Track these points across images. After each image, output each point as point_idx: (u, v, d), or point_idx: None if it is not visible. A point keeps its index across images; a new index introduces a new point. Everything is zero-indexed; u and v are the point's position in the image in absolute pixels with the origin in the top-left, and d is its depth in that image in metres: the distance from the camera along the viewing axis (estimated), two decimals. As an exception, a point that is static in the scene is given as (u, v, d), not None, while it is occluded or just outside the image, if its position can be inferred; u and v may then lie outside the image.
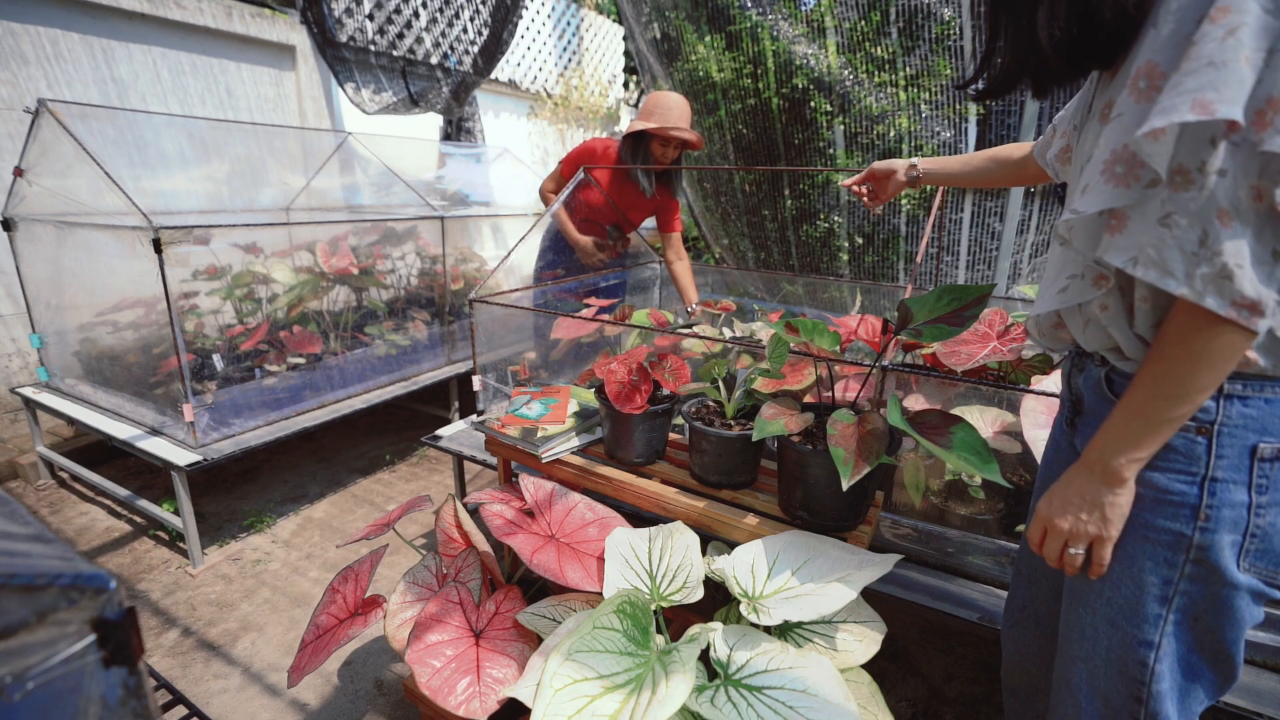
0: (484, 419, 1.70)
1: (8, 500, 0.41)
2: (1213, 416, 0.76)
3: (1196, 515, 0.77)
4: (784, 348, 1.28)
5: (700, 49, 3.50)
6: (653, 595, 1.17)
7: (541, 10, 6.25)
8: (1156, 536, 0.80)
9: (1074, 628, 0.91)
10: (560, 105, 6.50)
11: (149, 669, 0.66)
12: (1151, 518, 0.80)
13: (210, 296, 2.64)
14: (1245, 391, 0.75)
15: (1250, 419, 0.75)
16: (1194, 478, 0.77)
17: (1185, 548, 0.78)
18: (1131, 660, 0.84)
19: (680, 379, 1.50)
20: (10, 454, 2.86)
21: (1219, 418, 0.76)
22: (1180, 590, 0.80)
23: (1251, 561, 0.77)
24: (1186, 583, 0.80)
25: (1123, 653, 0.85)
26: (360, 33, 4.05)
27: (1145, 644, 0.83)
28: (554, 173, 2.62)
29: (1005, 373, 1.57)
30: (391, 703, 1.70)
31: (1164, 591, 0.81)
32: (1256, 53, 0.62)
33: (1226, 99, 0.62)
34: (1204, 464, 0.76)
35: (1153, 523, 0.80)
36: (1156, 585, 0.81)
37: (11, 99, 2.86)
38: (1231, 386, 0.75)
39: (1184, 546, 0.78)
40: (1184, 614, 0.81)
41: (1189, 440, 0.77)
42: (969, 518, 1.54)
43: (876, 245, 3.37)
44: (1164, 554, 0.80)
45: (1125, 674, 0.85)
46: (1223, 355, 0.70)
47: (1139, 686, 0.84)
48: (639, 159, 2.45)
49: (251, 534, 2.45)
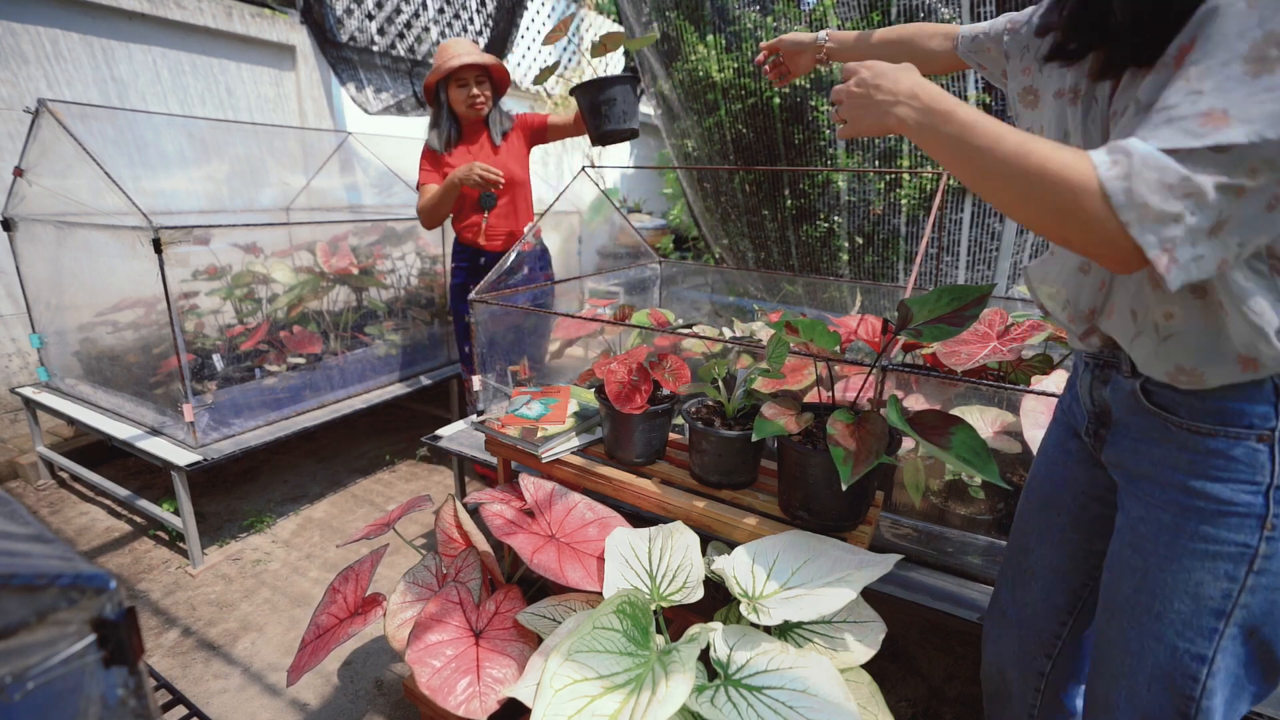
0: (484, 419, 1.70)
1: (8, 500, 0.41)
2: (1273, 423, 0.73)
3: (1263, 525, 0.74)
4: (784, 348, 1.28)
5: (700, 49, 3.50)
6: (653, 595, 1.17)
7: (542, 10, 6.25)
8: (1219, 549, 0.76)
9: (1114, 644, 0.87)
10: (560, 105, 6.50)
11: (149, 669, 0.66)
12: (1213, 530, 0.76)
13: (210, 296, 2.64)
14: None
15: None
16: (1259, 487, 0.74)
17: (1250, 559, 0.75)
18: (1181, 675, 0.81)
19: (680, 379, 1.50)
20: (10, 454, 2.86)
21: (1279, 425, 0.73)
22: (1241, 604, 0.77)
23: None
24: (1248, 595, 0.76)
25: (1172, 669, 0.81)
26: (361, 33, 4.05)
27: (1198, 659, 0.79)
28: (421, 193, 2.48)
29: (1005, 373, 1.57)
30: (391, 703, 1.70)
31: (1223, 605, 0.77)
32: None
33: None
34: (1269, 472, 0.73)
35: (1214, 535, 0.76)
36: (1216, 598, 0.78)
37: (11, 99, 2.86)
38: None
39: (1248, 558, 0.75)
40: (1241, 627, 0.78)
41: (1251, 449, 0.74)
42: (969, 518, 1.54)
43: (876, 245, 3.37)
44: (1225, 567, 0.76)
45: (1172, 689, 0.81)
46: (1073, 226, 0.66)
47: (1187, 703, 0.81)
48: (448, 117, 2.39)
49: (251, 534, 2.45)
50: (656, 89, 3.97)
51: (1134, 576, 0.84)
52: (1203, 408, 0.76)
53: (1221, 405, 0.75)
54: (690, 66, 3.58)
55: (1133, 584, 0.84)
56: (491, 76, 2.39)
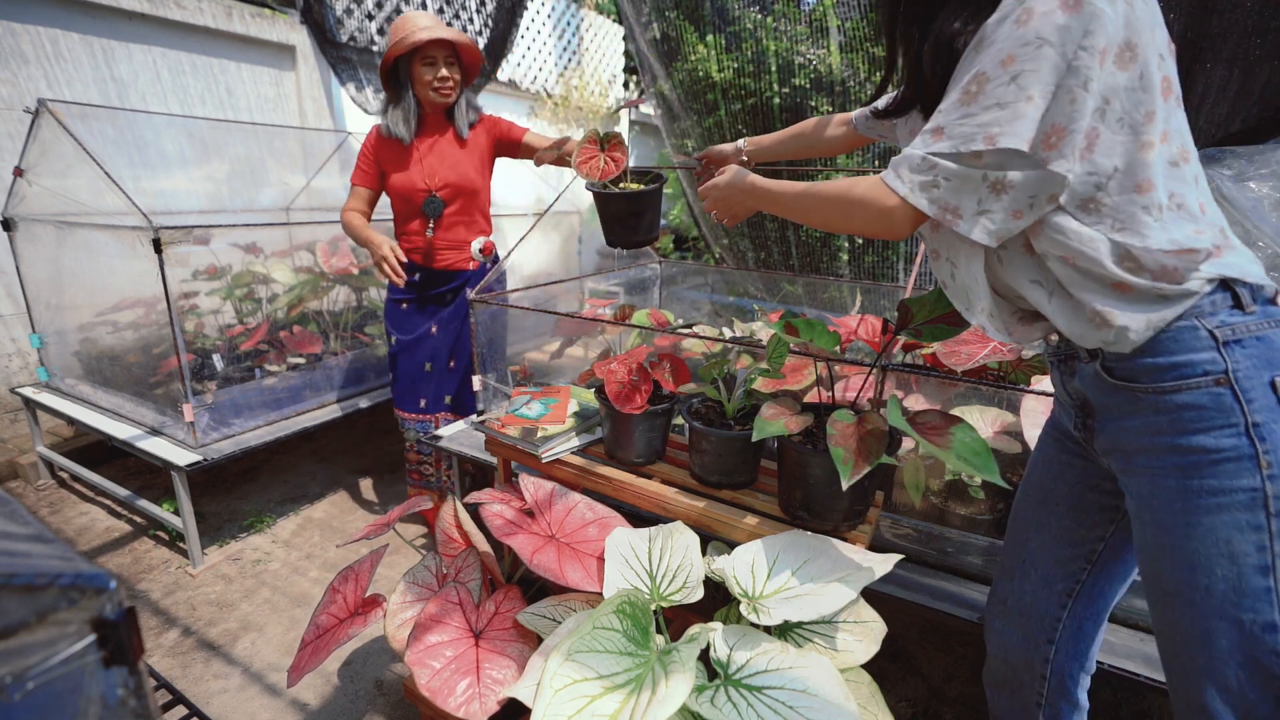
0: (484, 419, 1.70)
1: (8, 500, 0.41)
2: (1223, 366, 0.78)
3: (1259, 464, 0.77)
4: (784, 348, 1.28)
5: (700, 49, 3.50)
6: (653, 595, 1.17)
7: (542, 10, 6.25)
8: (1230, 500, 0.78)
9: (1179, 636, 0.85)
10: (560, 105, 6.50)
11: (149, 669, 0.66)
12: (1216, 481, 0.79)
13: (210, 296, 2.64)
14: (1237, 335, 0.79)
15: (1255, 358, 0.78)
16: (1237, 429, 0.78)
17: (1263, 502, 0.77)
18: (1261, 651, 0.78)
19: (680, 379, 1.50)
20: (10, 454, 2.86)
21: (1229, 365, 0.78)
22: (1277, 552, 0.77)
23: None
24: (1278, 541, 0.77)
25: (1249, 647, 0.79)
26: (360, 33, 4.05)
27: (1269, 627, 0.77)
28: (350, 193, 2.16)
29: (1005, 373, 1.57)
30: (391, 703, 1.70)
31: (1261, 559, 0.77)
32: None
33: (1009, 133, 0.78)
34: (1239, 412, 0.77)
35: (1219, 486, 0.79)
36: (1252, 554, 0.78)
37: (11, 99, 2.86)
38: (1224, 334, 0.79)
39: (1261, 501, 0.77)
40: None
41: (1214, 395, 0.78)
42: (969, 518, 1.54)
43: (876, 245, 3.37)
44: (1245, 517, 0.78)
45: (1260, 671, 0.79)
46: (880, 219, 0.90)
47: (1278, 682, 0.78)
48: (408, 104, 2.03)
49: (251, 534, 2.45)
50: (656, 89, 3.97)
51: (1169, 555, 0.83)
52: (1154, 367, 0.82)
53: (1169, 361, 0.81)
54: (690, 66, 3.58)
55: (1171, 563, 0.83)
56: (461, 59, 2.04)
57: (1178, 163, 0.82)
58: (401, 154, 2.08)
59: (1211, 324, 0.80)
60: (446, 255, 2.17)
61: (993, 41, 0.79)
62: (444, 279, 2.20)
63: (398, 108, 2.05)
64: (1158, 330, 0.82)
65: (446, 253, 2.17)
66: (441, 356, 2.25)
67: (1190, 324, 0.80)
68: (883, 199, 0.89)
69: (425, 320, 2.21)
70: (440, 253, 2.16)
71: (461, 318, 2.25)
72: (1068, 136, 0.78)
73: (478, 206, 2.20)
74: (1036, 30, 0.76)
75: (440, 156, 2.10)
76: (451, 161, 2.11)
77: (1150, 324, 0.81)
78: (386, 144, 2.09)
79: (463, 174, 2.11)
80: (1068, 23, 0.74)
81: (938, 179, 0.84)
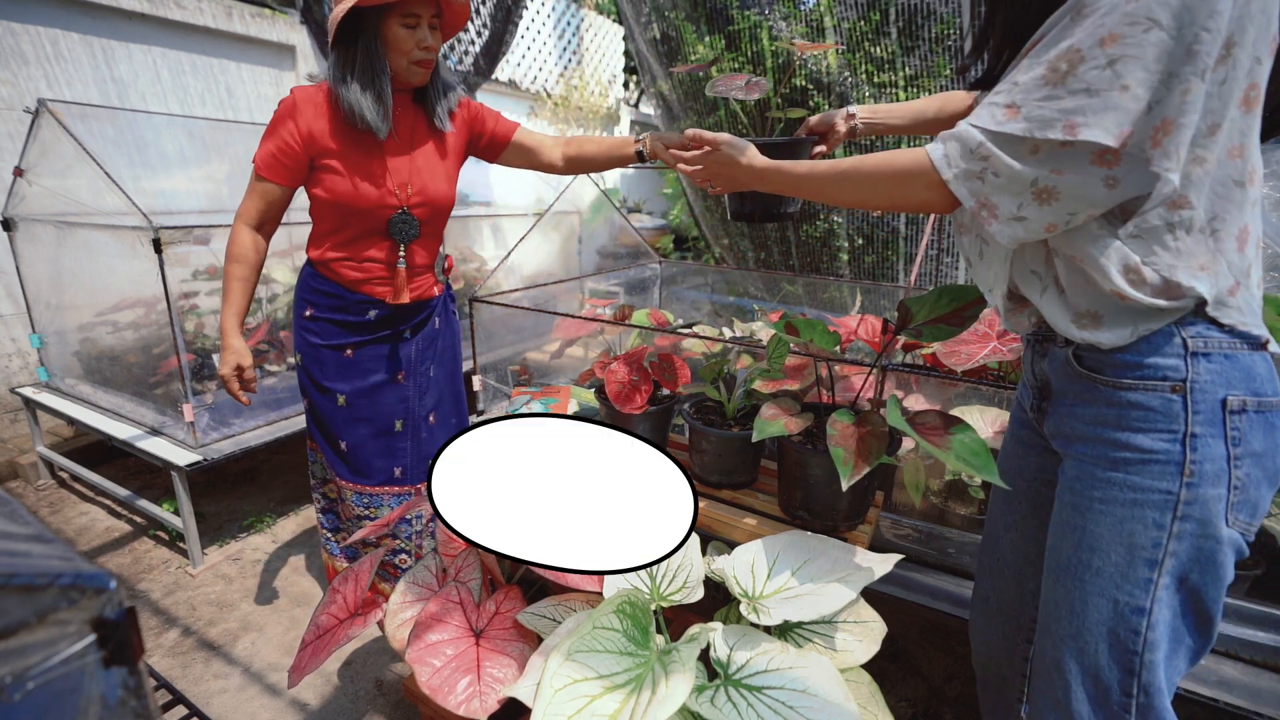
0: (484, 419, 1.70)
1: (8, 500, 0.41)
2: (1184, 374, 0.79)
3: (1182, 471, 0.79)
4: (784, 348, 1.28)
5: (700, 49, 3.50)
6: (653, 595, 1.17)
7: (542, 10, 6.25)
8: (1145, 497, 0.82)
9: (1060, 605, 0.91)
10: (560, 105, 6.50)
11: (149, 669, 0.66)
12: (1139, 479, 0.82)
13: (210, 296, 2.64)
14: (1207, 348, 0.79)
15: (1216, 374, 0.78)
16: (1175, 435, 0.79)
17: (1174, 505, 0.80)
18: (1124, 629, 0.84)
19: (680, 379, 1.50)
20: (10, 454, 2.86)
21: (1189, 375, 0.79)
22: (1170, 551, 0.81)
23: (1235, 514, 0.80)
24: (1175, 542, 0.81)
25: (1114, 623, 0.85)
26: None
27: (1138, 610, 0.83)
28: (250, 188, 1.52)
29: (1005, 373, 1.57)
30: (391, 702, 1.70)
31: (1154, 554, 0.82)
32: None
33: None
34: (1183, 420, 0.79)
35: (1140, 484, 0.82)
36: (1147, 548, 0.82)
37: (11, 99, 2.86)
38: (1195, 344, 0.79)
39: (1172, 505, 0.80)
40: (1173, 576, 0.82)
41: (1166, 399, 0.80)
42: (969, 518, 1.54)
43: (876, 245, 3.37)
44: (1153, 515, 0.81)
45: (1117, 645, 0.85)
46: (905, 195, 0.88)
47: (1131, 657, 0.84)
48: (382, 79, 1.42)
49: (251, 534, 2.45)
50: (656, 89, 3.97)
51: (1073, 534, 0.88)
52: (1123, 363, 0.83)
53: (1138, 360, 0.81)
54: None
55: (1073, 542, 0.88)
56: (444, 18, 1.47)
57: (1243, 183, 0.77)
58: (356, 150, 1.47)
59: (1187, 332, 0.79)
60: (417, 285, 1.64)
61: (1094, 10, 0.69)
62: (408, 313, 1.66)
63: (368, 87, 1.42)
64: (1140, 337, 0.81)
65: (416, 282, 1.64)
66: (415, 409, 1.71)
67: (1167, 329, 0.80)
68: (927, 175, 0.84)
69: (381, 366, 1.65)
70: (412, 284, 1.62)
71: (436, 355, 1.75)
72: (1175, 133, 0.70)
73: (444, 224, 1.69)
74: (1147, 8, 0.66)
75: (411, 158, 1.53)
76: (428, 166, 1.55)
77: (1136, 333, 0.81)
78: (335, 131, 1.46)
79: (441, 186, 1.58)
80: (1188, 1, 0.65)
81: (986, 172, 0.79)
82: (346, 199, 1.48)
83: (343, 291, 1.58)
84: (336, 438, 1.67)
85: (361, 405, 1.65)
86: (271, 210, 1.54)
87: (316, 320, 1.60)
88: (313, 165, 1.49)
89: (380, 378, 1.65)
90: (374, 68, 1.41)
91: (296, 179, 1.51)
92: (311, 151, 1.46)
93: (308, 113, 1.45)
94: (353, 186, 1.47)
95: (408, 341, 1.68)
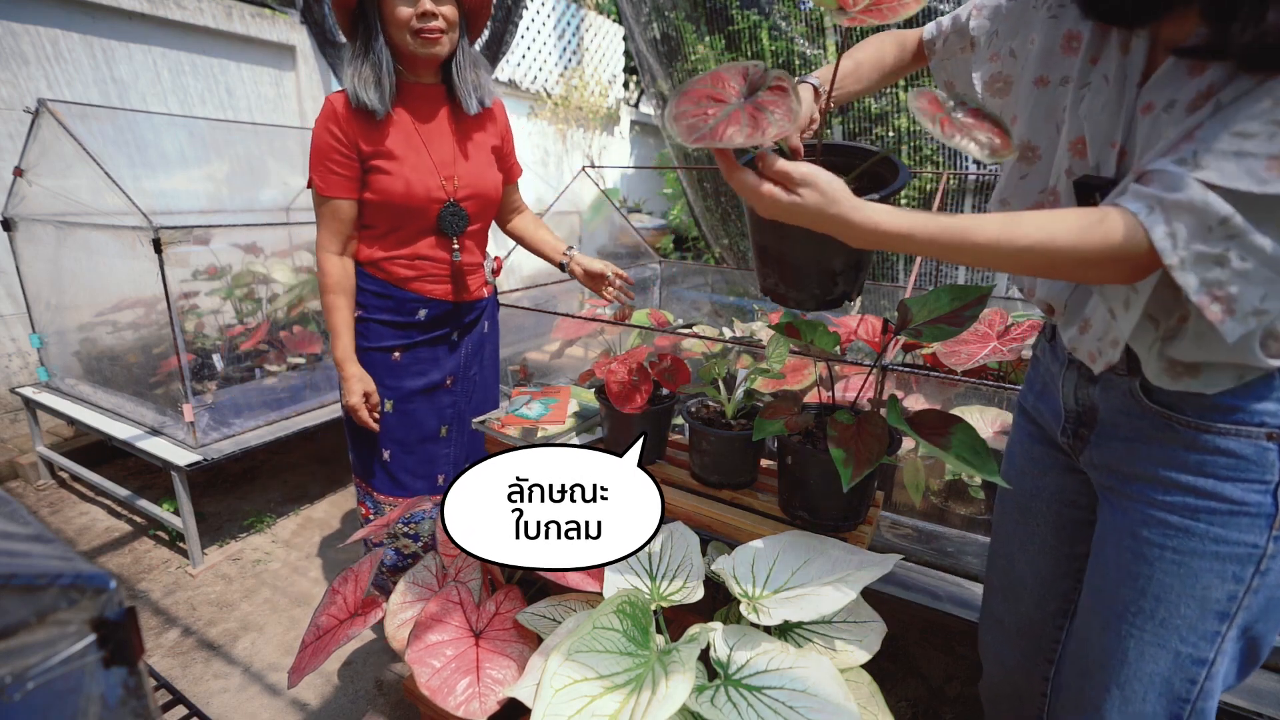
0: (484, 419, 1.70)
1: (8, 500, 0.41)
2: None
3: (1272, 525, 0.74)
4: (784, 348, 1.28)
5: (700, 49, 3.50)
6: (653, 595, 1.17)
7: (541, 10, 6.25)
8: (1228, 550, 0.76)
9: (1111, 652, 0.85)
10: (560, 105, 6.49)
11: (149, 669, 0.66)
12: (1223, 531, 0.76)
13: (210, 296, 2.64)
14: None
15: None
16: (1268, 486, 0.73)
17: (1258, 560, 0.75)
18: (1180, 679, 0.80)
19: (680, 379, 1.50)
20: (10, 454, 2.86)
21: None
22: (1244, 605, 0.77)
23: None
24: (1251, 595, 0.76)
25: (1171, 674, 0.80)
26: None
27: (1199, 662, 0.79)
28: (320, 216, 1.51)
29: (1005, 373, 1.58)
30: (391, 703, 1.70)
31: (1228, 608, 0.77)
32: None
33: None
34: (1276, 470, 0.73)
35: (1225, 536, 0.76)
36: (1221, 601, 0.77)
37: (11, 99, 2.86)
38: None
39: (1256, 559, 0.75)
40: (1241, 628, 0.78)
41: (1260, 448, 0.73)
42: (969, 518, 1.55)
43: (876, 245, 3.37)
44: (1233, 569, 0.76)
45: (1169, 694, 0.81)
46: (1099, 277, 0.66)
47: (1181, 705, 0.80)
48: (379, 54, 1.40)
49: (251, 534, 2.45)
50: (656, 89, 3.96)
51: (1135, 583, 0.82)
52: (1210, 405, 0.74)
53: (1231, 403, 0.73)
54: (690, 66, 3.58)
55: (1135, 590, 0.82)
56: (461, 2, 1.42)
57: None
58: (398, 146, 1.46)
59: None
60: (469, 283, 1.66)
61: None
62: (458, 314, 1.65)
63: (366, 63, 1.39)
64: (1242, 383, 0.72)
65: (469, 280, 1.65)
66: (462, 414, 1.74)
67: (1270, 374, 0.72)
68: (1139, 257, 0.62)
69: (430, 369, 1.64)
70: (467, 279, 1.64)
71: (482, 360, 1.78)
72: None
73: (493, 214, 1.71)
74: None
75: (453, 151, 1.53)
76: (470, 157, 1.55)
77: (1240, 378, 0.72)
78: (374, 130, 1.44)
79: (486, 174, 1.58)
80: None
81: (1229, 254, 0.58)
82: (396, 197, 1.47)
83: (393, 290, 1.56)
84: (380, 446, 1.65)
85: (408, 411, 1.64)
86: (347, 228, 1.52)
87: (365, 322, 1.58)
88: (364, 167, 1.47)
89: (427, 381, 1.65)
90: (373, 46, 1.40)
91: (356, 186, 1.49)
92: (359, 152, 1.45)
93: (345, 114, 1.43)
94: (399, 183, 1.46)
95: (456, 345, 1.69)
